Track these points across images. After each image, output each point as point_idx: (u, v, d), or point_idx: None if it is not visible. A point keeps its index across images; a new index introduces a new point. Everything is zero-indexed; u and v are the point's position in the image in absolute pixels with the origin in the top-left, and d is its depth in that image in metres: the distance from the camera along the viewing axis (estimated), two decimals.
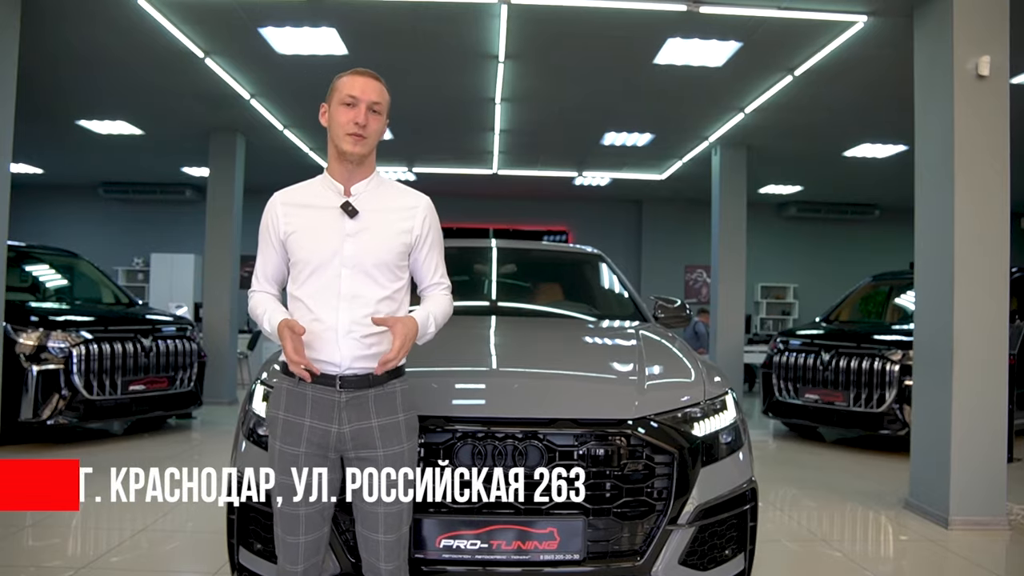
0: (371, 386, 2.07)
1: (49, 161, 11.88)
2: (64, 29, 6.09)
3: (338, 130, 2.09)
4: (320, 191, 2.14)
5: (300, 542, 2.09)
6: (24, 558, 3.76)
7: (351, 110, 2.07)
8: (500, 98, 7.79)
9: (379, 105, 2.10)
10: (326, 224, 2.09)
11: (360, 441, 2.07)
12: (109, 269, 13.12)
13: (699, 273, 14.36)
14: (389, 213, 2.14)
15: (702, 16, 5.46)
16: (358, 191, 2.13)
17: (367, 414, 2.07)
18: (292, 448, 2.06)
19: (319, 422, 2.05)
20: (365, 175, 2.16)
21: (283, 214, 2.13)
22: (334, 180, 2.14)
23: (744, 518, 2.63)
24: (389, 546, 2.10)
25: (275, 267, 2.20)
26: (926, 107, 4.91)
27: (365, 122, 2.06)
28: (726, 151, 9.64)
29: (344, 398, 2.05)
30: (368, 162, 2.15)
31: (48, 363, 6.19)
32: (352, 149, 2.07)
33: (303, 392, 2.07)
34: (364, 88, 2.09)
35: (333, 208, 2.10)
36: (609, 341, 3.40)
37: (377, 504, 2.08)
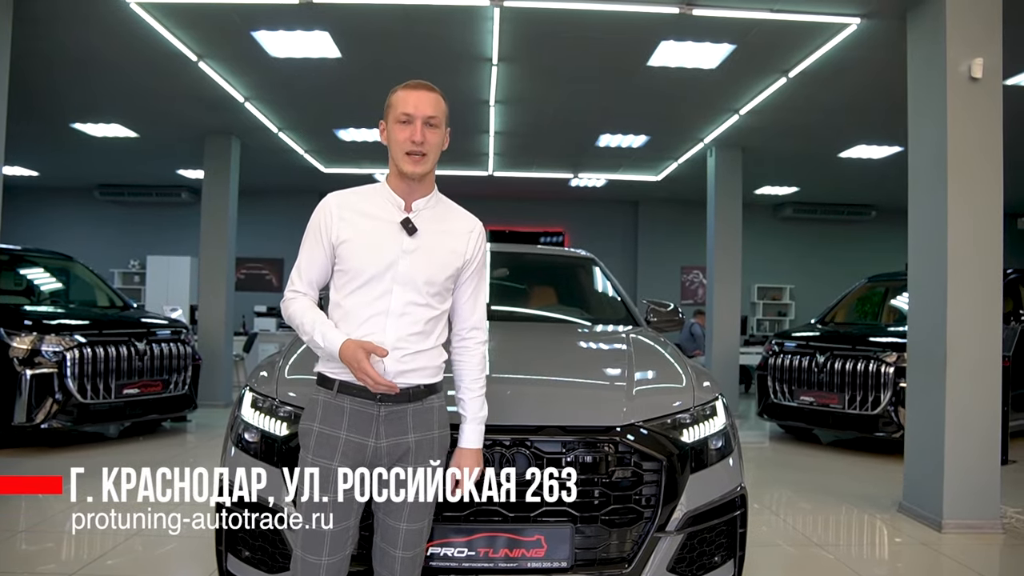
0: (410, 401, 2.05)
1: (45, 163, 11.86)
2: (57, 32, 6.07)
3: (397, 149, 2.05)
4: (380, 202, 2.10)
5: (323, 563, 2.01)
6: (18, 564, 3.75)
7: (407, 128, 2.03)
8: (494, 100, 7.78)
9: (435, 119, 2.06)
10: (384, 237, 2.05)
11: (395, 456, 2.04)
12: (105, 271, 13.11)
13: (695, 274, 14.36)
14: (446, 234, 2.12)
15: (695, 18, 5.45)
16: (419, 207, 2.10)
17: (404, 429, 2.04)
18: (326, 462, 2.01)
19: (356, 435, 2.02)
20: (426, 192, 2.12)
21: (339, 218, 2.07)
22: (395, 194, 2.11)
23: (734, 524, 2.62)
24: (405, 563, 2.07)
25: (320, 270, 2.12)
26: (919, 109, 4.91)
27: (422, 139, 2.03)
28: (721, 152, 9.64)
29: (383, 412, 2.02)
30: (429, 178, 2.12)
31: (41, 367, 6.17)
32: (413, 169, 2.04)
33: (341, 404, 2.03)
34: (418, 103, 2.04)
35: (393, 222, 2.06)
36: (599, 346, 3.39)
37: (400, 520, 2.05)
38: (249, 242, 12.73)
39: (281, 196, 12.94)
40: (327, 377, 2.07)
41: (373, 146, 10.01)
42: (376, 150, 10.31)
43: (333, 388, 2.05)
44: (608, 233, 14.54)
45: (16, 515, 4.58)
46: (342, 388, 2.04)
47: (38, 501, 4.87)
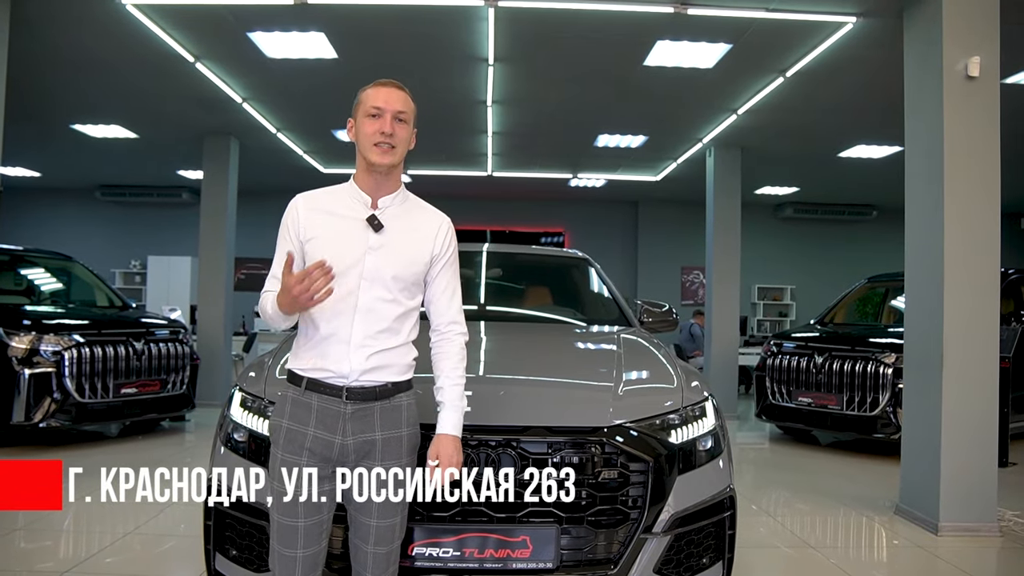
0: (377, 399, 2.06)
1: (46, 164, 11.89)
2: (55, 34, 6.08)
3: (365, 141, 2.07)
4: (346, 200, 2.12)
5: (298, 556, 2.04)
6: (16, 561, 3.76)
7: (376, 121, 2.06)
8: (491, 100, 7.78)
9: (405, 114, 2.09)
10: (350, 234, 2.07)
11: (361, 453, 2.05)
12: (106, 271, 13.16)
13: (696, 274, 14.34)
14: (413, 231, 2.14)
15: (690, 18, 5.44)
16: (384, 204, 2.12)
17: (371, 426, 2.05)
18: (293, 458, 2.04)
19: (323, 433, 2.03)
20: (392, 189, 2.14)
21: (305, 218, 2.10)
22: (361, 191, 2.12)
23: (722, 526, 2.61)
24: (378, 558, 2.08)
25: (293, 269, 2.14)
26: (915, 108, 4.89)
27: (392, 131, 2.05)
28: (720, 152, 9.63)
29: (349, 409, 2.03)
30: (395, 175, 2.14)
31: (40, 366, 6.19)
32: (380, 160, 2.05)
33: (308, 402, 2.05)
34: (388, 98, 2.07)
35: (358, 219, 2.08)
36: (588, 347, 3.38)
37: (370, 517, 2.06)
38: (249, 242, 12.73)
39: (281, 196, 12.61)
40: (296, 374, 2.09)
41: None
42: None
43: (301, 385, 2.06)
44: (608, 233, 14.53)
45: (15, 513, 4.59)
46: (310, 385, 2.06)
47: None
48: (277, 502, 2.05)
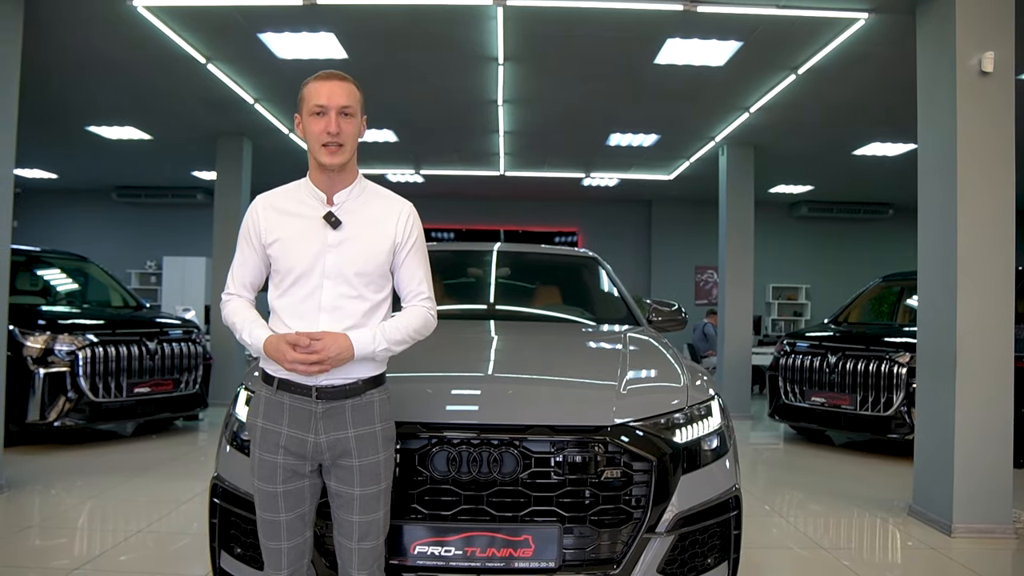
0: (348, 396, 2.06)
1: (63, 166, 12.03)
2: (69, 37, 6.14)
3: (313, 142, 2.05)
4: (303, 198, 2.12)
5: (283, 548, 2.09)
6: (30, 558, 3.80)
7: (322, 119, 2.03)
8: (502, 100, 7.77)
9: (350, 107, 2.05)
10: (309, 234, 2.07)
11: (337, 451, 2.06)
12: (122, 272, 13.29)
13: (710, 274, 14.27)
14: (372, 222, 2.12)
15: (700, 16, 5.40)
16: (340, 200, 2.10)
17: (343, 424, 2.06)
18: (271, 456, 2.06)
19: (296, 431, 2.05)
20: (347, 182, 2.13)
21: (265, 219, 2.11)
22: (316, 188, 2.11)
23: (727, 526, 2.58)
24: (363, 554, 2.10)
25: (253, 271, 2.17)
26: (929, 105, 4.83)
27: (338, 129, 2.02)
28: (733, 151, 9.57)
29: (321, 408, 2.04)
30: (350, 167, 2.12)
31: (54, 366, 6.25)
32: (331, 160, 2.04)
33: (280, 401, 2.06)
34: (331, 94, 2.03)
35: (316, 218, 2.07)
36: (593, 346, 3.37)
37: (352, 513, 2.08)
38: None
39: None
40: (268, 374, 2.10)
41: (383, 146, 10.03)
42: (388, 150, 10.34)
43: (273, 385, 2.08)
44: (622, 233, 14.50)
45: (30, 510, 4.65)
46: (281, 385, 2.07)
47: (50, 496, 4.94)
48: (259, 498, 2.10)
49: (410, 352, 2.22)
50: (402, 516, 2.32)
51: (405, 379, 2.52)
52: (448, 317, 3.84)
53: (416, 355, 2.33)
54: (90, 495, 4.99)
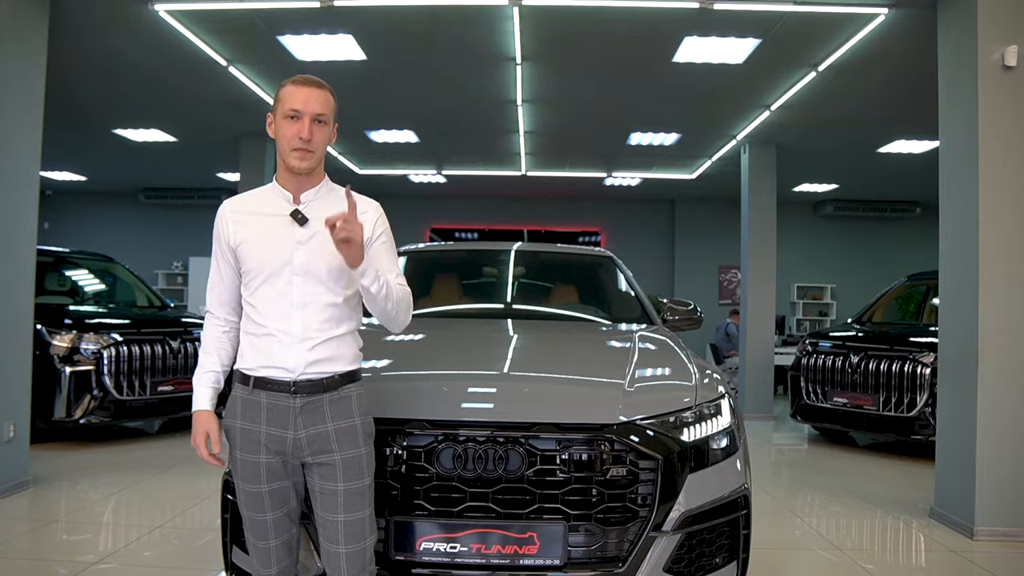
0: (325, 391, 2.06)
1: (91, 168, 12.25)
2: (93, 42, 6.26)
3: (284, 145, 2.06)
4: (270, 199, 2.13)
5: (271, 546, 2.11)
6: (58, 552, 3.88)
7: (295, 124, 2.03)
8: (521, 100, 7.78)
9: (324, 116, 2.06)
10: (276, 232, 2.08)
11: (317, 446, 2.05)
12: (149, 272, 13.49)
13: (733, 273, 14.15)
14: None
15: (717, 13, 5.37)
16: (307, 199, 2.11)
17: (322, 418, 2.06)
18: (252, 456, 2.06)
19: (275, 429, 2.04)
20: (314, 183, 2.14)
21: (233, 221, 2.12)
22: (283, 189, 2.12)
23: (736, 525, 2.57)
24: (351, 558, 2.06)
25: (230, 285, 2.16)
26: (950, 101, 4.76)
27: (310, 136, 2.03)
28: (755, 149, 9.48)
29: (299, 403, 2.04)
30: (317, 171, 2.14)
31: (80, 364, 6.36)
32: (299, 165, 2.05)
33: (258, 400, 2.06)
34: (307, 100, 2.04)
35: (283, 216, 2.09)
36: (603, 344, 3.36)
37: (336, 512, 2.06)
38: None
39: None
40: (244, 374, 2.10)
41: (405, 147, 10.09)
42: (409, 151, 10.40)
43: (249, 384, 2.07)
44: (645, 232, 14.44)
45: (56, 504, 4.75)
46: (257, 384, 2.06)
47: (76, 492, 5.04)
48: (244, 499, 2.11)
49: (418, 348, 2.23)
50: (408, 512, 2.33)
51: (413, 376, 2.54)
52: (466, 316, 3.87)
53: (421, 352, 2.35)
54: (115, 491, 5.08)
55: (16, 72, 4.77)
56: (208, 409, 2.14)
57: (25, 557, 3.82)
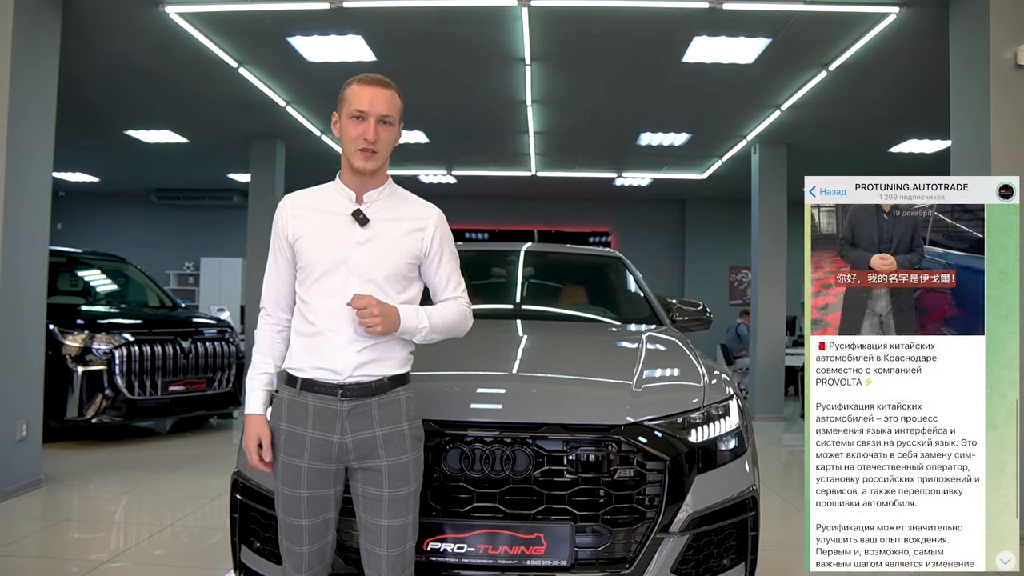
0: (374, 394, 2.03)
1: (103, 170, 12.35)
2: (105, 45, 6.32)
3: (349, 145, 2.03)
4: (333, 196, 2.10)
5: (304, 552, 2.06)
6: (70, 550, 3.92)
7: (360, 124, 2.00)
8: (531, 100, 7.78)
9: (390, 116, 2.03)
10: (336, 230, 2.05)
11: (363, 451, 2.02)
12: (161, 273, 13.58)
13: (744, 274, 14.09)
14: (400, 223, 2.10)
15: (726, 13, 5.36)
16: (370, 199, 2.09)
17: (370, 423, 2.02)
18: (295, 460, 2.02)
19: (321, 432, 2.01)
20: (378, 184, 2.11)
21: (293, 216, 2.09)
22: (346, 187, 2.10)
23: (744, 527, 2.55)
24: (392, 561, 2.03)
25: (286, 281, 2.14)
26: (962, 100, 4.73)
27: (375, 138, 2.00)
28: (765, 149, 9.45)
29: (346, 407, 2.00)
30: (381, 171, 2.11)
31: (92, 364, 6.42)
32: (364, 165, 2.02)
33: (304, 402, 2.02)
34: (372, 101, 2.01)
35: (344, 215, 2.06)
36: (611, 345, 3.35)
37: (380, 517, 2.03)
38: None
39: None
40: (291, 375, 2.07)
41: (415, 147, 10.11)
42: (419, 151, 10.41)
43: (296, 386, 2.04)
44: (655, 233, 14.40)
45: (68, 503, 4.79)
46: (304, 386, 2.03)
47: (88, 490, 5.08)
48: (282, 502, 2.07)
49: (433, 349, 2.23)
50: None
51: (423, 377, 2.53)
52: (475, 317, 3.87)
53: (440, 353, 2.35)
54: (126, 490, 5.11)
55: (29, 74, 4.81)
56: (261, 413, 2.11)
57: (37, 555, 3.86)
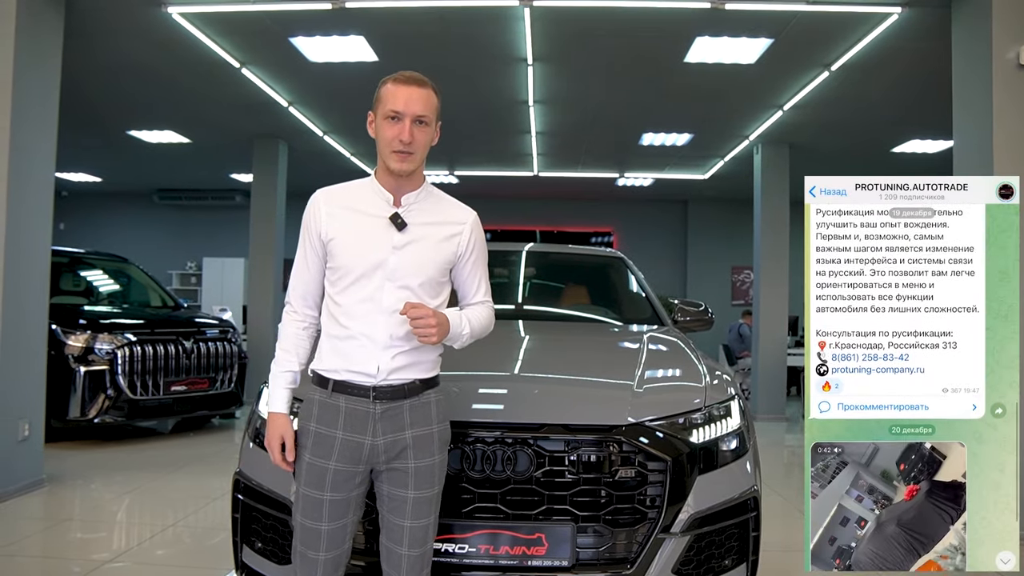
0: (406, 397, 2.01)
1: (106, 170, 12.37)
2: (108, 45, 6.33)
3: (384, 146, 1.99)
4: (369, 196, 2.06)
5: (320, 559, 2.00)
6: (71, 550, 3.93)
7: (395, 125, 1.96)
8: (533, 100, 7.79)
9: (426, 116, 1.98)
10: (372, 233, 2.01)
11: (393, 453, 2.01)
12: (163, 273, 13.60)
13: (746, 274, 14.09)
14: (437, 228, 2.08)
15: (728, 13, 5.35)
16: (408, 202, 2.05)
17: (402, 425, 2.01)
18: (322, 461, 1.99)
19: (352, 434, 1.99)
20: (415, 186, 2.07)
21: (327, 214, 2.04)
22: (383, 188, 2.05)
23: (746, 527, 2.55)
24: (412, 561, 2.03)
25: (316, 277, 2.10)
26: (964, 100, 4.72)
27: (410, 139, 1.95)
28: (767, 149, 9.45)
29: (379, 409, 1.99)
30: (417, 172, 2.08)
31: (95, 364, 6.43)
32: (400, 167, 1.98)
33: (336, 404, 2.00)
34: (408, 100, 1.97)
35: (381, 217, 2.01)
36: (612, 346, 3.35)
37: (403, 517, 2.02)
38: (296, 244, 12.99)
39: None
40: (322, 376, 2.04)
41: None
42: None
43: (328, 387, 2.02)
44: (658, 233, 14.40)
45: (70, 503, 4.80)
46: (336, 387, 2.00)
47: (90, 490, 5.09)
48: (302, 504, 2.02)
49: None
50: None
51: None
52: None
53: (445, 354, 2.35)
54: (128, 490, 5.12)
55: (32, 74, 4.82)
56: (284, 412, 2.07)
57: (39, 555, 3.87)
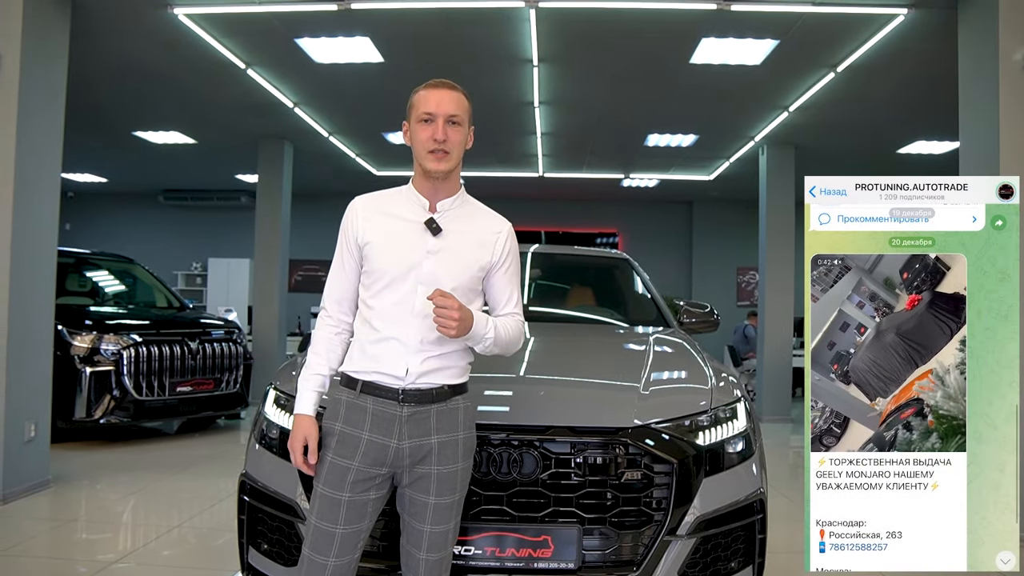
0: (433, 402, 2.03)
1: (112, 171, 12.40)
2: (114, 46, 6.34)
3: (419, 148, 2.03)
4: (405, 203, 2.09)
5: (329, 564, 1.98)
6: (77, 551, 3.94)
7: (429, 127, 2.02)
8: (538, 101, 7.78)
9: (458, 116, 2.04)
10: (408, 237, 2.04)
11: (417, 457, 2.01)
12: (169, 273, 13.63)
13: (751, 275, 14.06)
14: (472, 235, 2.10)
15: (734, 14, 5.35)
16: (443, 208, 2.08)
17: (428, 430, 2.02)
18: (345, 461, 2.00)
19: (378, 436, 2.00)
20: (451, 192, 2.11)
21: (364, 219, 2.08)
22: (420, 195, 2.09)
23: (752, 530, 2.54)
24: (431, 565, 2.04)
25: (351, 282, 2.12)
26: (970, 102, 4.72)
27: (444, 137, 2.00)
28: (773, 151, 9.43)
29: (406, 412, 2.00)
30: (453, 178, 2.10)
31: (100, 365, 6.44)
32: (436, 167, 2.02)
33: (363, 405, 2.01)
34: (439, 102, 2.02)
35: (417, 222, 2.05)
36: (618, 347, 3.35)
37: (424, 522, 2.03)
38: (305, 244, 13.04)
39: (336, 199, 12.97)
40: (351, 377, 2.05)
41: None
42: None
43: (356, 388, 2.03)
44: (663, 234, 14.38)
45: (76, 503, 4.81)
46: (365, 388, 2.02)
47: (95, 491, 5.10)
48: (319, 505, 2.02)
49: None
50: None
51: None
52: None
53: None
54: (133, 490, 5.13)
55: (38, 75, 4.84)
56: (310, 415, 2.07)
57: (45, 556, 3.87)
